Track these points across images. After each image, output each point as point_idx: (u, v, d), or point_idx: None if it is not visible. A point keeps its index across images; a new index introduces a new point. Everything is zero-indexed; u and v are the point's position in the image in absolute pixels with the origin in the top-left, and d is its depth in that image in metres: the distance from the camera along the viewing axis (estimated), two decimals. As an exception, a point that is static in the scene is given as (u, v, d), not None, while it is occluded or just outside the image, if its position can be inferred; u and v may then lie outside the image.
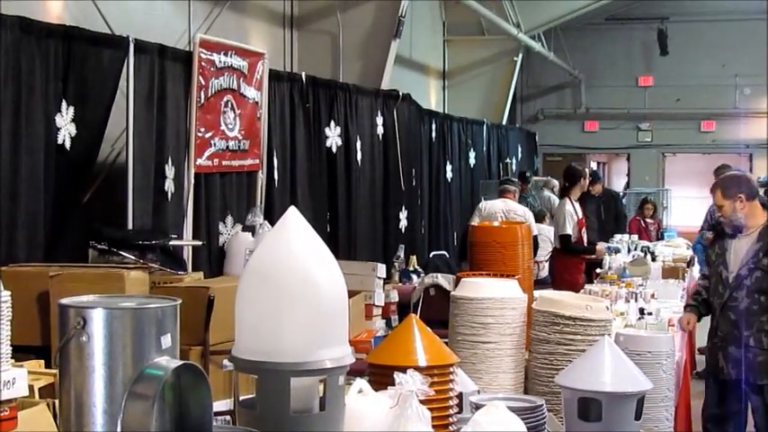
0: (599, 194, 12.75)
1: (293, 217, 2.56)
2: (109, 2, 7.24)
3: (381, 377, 2.88)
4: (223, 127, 7.37)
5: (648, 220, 14.31)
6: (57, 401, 2.74)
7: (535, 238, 10.60)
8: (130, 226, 6.35)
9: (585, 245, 10.77)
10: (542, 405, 3.20)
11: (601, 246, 10.49)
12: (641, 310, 6.49)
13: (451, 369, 3.04)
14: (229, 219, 7.63)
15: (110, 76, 6.28)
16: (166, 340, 2.18)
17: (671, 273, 9.04)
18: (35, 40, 5.69)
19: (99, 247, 5.79)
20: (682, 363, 5.97)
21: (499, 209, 10.77)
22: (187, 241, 6.96)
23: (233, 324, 2.54)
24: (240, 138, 7.61)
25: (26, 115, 5.62)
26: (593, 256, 10.44)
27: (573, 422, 3.15)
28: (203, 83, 7.08)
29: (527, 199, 13.62)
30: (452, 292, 4.14)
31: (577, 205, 10.78)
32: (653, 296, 7.42)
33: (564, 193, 11.04)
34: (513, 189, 11.17)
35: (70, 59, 5.96)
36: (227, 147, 7.46)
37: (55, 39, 5.86)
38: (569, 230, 10.37)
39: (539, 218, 12.01)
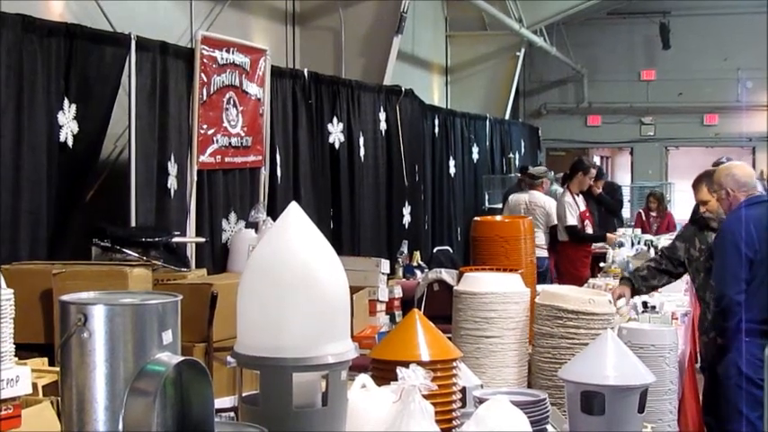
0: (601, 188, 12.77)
1: (294, 213, 2.56)
2: (110, 0, 7.24)
3: (384, 372, 2.89)
4: (225, 124, 7.37)
5: (652, 214, 14.28)
6: (60, 399, 2.75)
7: (555, 228, 10.67)
8: (133, 223, 6.35)
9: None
10: (545, 399, 3.20)
11: (611, 237, 10.49)
12: (644, 304, 6.48)
13: (454, 364, 3.04)
14: (232, 215, 7.63)
15: (112, 73, 6.28)
16: (168, 336, 2.18)
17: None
18: (37, 39, 5.69)
19: (102, 244, 5.78)
20: (686, 356, 5.96)
21: (523, 201, 10.86)
22: (190, 238, 6.96)
23: (236, 321, 2.54)
24: (243, 134, 7.61)
25: (28, 113, 5.62)
26: (605, 244, 10.44)
27: (576, 416, 3.15)
28: (205, 80, 7.07)
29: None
30: (455, 287, 4.14)
31: (580, 198, 10.80)
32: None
33: (563, 184, 11.09)
34: (540, 181, 11.18)
35: (72, 57, 5.95)
36: (230, 143, 7.46)
37: (57, 37, 5.85)
38: (573, 221, 10.42)
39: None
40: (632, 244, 10.80)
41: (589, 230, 10.77)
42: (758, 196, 5.85)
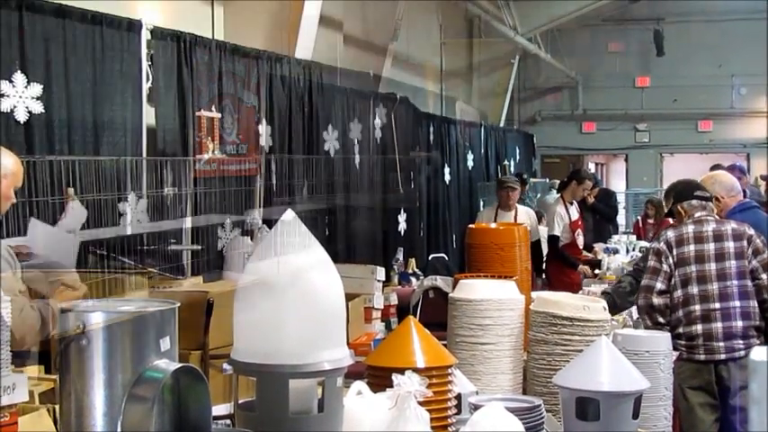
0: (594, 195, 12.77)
1: (289, 220, 2.57)
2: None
3: (380, 379, 2.89)
4: (221, 131, 7.38)
5: (650, 221, 14.27)
6: (57, 407, 2.76)
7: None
8: (129, 231, 6.35)
9: (581, 247, 10.79)
10: (540, 405, 3.21)
11: (583, 268, 10.46)
12: (639, 310, 6.47)
13: (450, 370, 3.05)
14: (228, 223, 7.64)
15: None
16: (165, 343, 2.19)
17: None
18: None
19: (98, 252, 5.79)
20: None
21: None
22: (186, 246, 6.97)
23: (232, 328, 2.55)
24: (239, 142, 7.62)
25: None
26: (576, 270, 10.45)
27: (571, 422, 3.16)
28: (201, 87, 7.09)
29: (524, 201, 13.60)
30: (450, 294, 4.15)
31: (574, 207, 10.79)
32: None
33: (558, 192, 11.11)
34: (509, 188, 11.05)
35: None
36: (226, 151, 7.47)
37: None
38: (557, 231, 10.44)
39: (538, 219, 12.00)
40: (627, 251, 10.82)
41: (580, 240, 10.76)
42: (748, 201, 6.01)
